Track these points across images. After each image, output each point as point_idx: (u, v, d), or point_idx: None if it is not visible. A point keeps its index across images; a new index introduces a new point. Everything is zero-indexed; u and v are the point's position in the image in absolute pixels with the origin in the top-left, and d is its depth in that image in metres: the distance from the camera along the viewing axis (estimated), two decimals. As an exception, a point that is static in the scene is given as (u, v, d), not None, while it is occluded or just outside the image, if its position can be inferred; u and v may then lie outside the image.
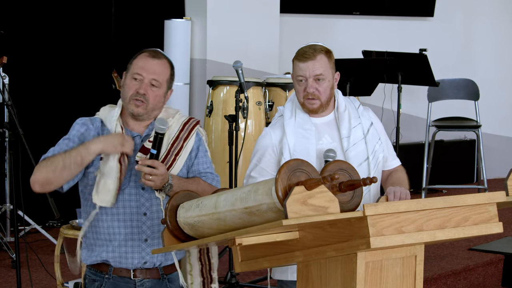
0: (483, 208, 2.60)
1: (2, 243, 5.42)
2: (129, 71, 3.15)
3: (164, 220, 2.95)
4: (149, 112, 3.14)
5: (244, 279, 5.03)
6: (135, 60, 3.15)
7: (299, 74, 3.30)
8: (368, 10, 7.88)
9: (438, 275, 5.20)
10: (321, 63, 3.29)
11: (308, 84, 3.29)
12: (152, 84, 3.11)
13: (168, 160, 3.15)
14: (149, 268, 3.18)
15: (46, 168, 2.99)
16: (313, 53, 3.28)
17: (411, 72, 6.71)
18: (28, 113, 5.91)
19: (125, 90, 3.13)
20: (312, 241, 2.54)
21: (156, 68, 3.12)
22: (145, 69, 3.11)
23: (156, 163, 3.02)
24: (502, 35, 8.69)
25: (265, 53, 6.99)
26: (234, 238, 2.50)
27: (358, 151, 3.35)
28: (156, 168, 3.01)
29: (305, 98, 3.32)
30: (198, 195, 2.98)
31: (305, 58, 3.28)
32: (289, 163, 2.50)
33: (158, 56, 3.15)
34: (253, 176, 3.33)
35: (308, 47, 3.31)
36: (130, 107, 3.12)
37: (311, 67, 3.27)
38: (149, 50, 3.18)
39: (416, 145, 7.76)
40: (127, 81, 3.14)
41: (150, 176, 3.01)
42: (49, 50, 6.31)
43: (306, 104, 3.33)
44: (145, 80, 3.10)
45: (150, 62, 3.12)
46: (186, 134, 3.21)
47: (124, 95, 3.14)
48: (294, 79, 3.36)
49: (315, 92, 3.30)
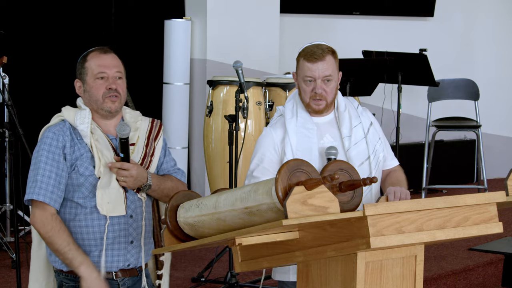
0: (483, 208, 2.60)
1: (2, 243, 5.42)
2: (87, 75, 3.13)
3: (164, 220, 2.96)
4: (122, 105, 3.18)
5: (244, 279, 5.03)
6: (88, 63, 3.15)
7: (307, 74, 3.29)
8: (368, 10, 7.87)
9: (438, 275, 5.20)
10: (330, 64, 3.29)
11: (317, 85, 3.29)
12: (119, 77, 3.15)
13: (146, 162, 3.20)
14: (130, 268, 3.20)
15: (49, 235, 3.04)
16: (322, 53, 3.27)
17: (411, 72, 6.71)
18: (28, 113, 5.91)
19: (93, 92, 3.12)
20: (312, 241, 2.54)
21: (114, 61, 3.16)
22: (105, 65, 3.13)
23: (126, 165, 3.08)
24: (502, 35, 8.69)
25: (265, 53, 6.99)
26: (234, 238, 2.51)
27: (359, 151, 3.35)
28: (126, 170, 3.07)
29: (312, 98, 3.31)
30: (198, 195, 2.99)
31: (314, 58, 3.27)
32: (289, 163, 2.50)
33: (108, 50, 3.18)
34: (255, 176, 3.32)
35: (316, 47, 3.30)
36: (106, 105, 3.12)
37: (320, 68, 3.27)
38: (96, 48, 3.19)
39: (416, 145, 7.76)
40: (92, 84, 3.13)
41: (122, 178, 3.08)
42: (49, 50, 6.31)
43: (312, 105, 3.33)
44: (110, 75, 3.13)
45: (106, 58, 3.15)
46: (155, 134, 3.27)
47: (95, 97, 3.13)
48: (299, 79, 3.34)
49: (323, 93, 3.30)
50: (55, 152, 3.08)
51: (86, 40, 6.42)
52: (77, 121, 3.11)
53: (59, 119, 3.16)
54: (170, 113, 6.63)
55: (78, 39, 6.40)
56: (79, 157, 3.08)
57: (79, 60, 3.20)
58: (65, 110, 3.18)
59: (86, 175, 3.08)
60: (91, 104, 3.15)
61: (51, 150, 3.09)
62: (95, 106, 3.14)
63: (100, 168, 3.07)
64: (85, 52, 3.20)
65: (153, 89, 6.74)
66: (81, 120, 3.11)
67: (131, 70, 3.45)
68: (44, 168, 3.06)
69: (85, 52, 3.19)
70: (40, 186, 3.05)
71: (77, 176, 3.08)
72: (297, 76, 3.37)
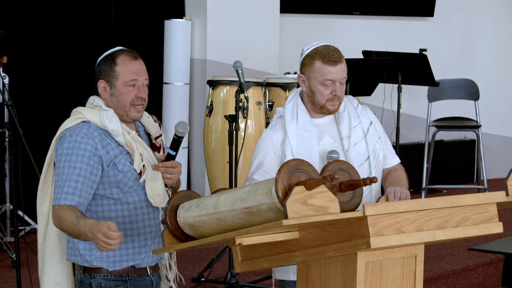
0: (483, 208, 2.61)
1: (2, 243, 5.42)
2: (118, 80, 3.10)
3: (164, 220, 2.96)
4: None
5: (244, 279, 5.03)
6: (119, 68, 3.11)
7: (328, 78, 3.30)
8: (368, 10, 7.87)
9: (438, 275, 5.20)
10: (345, 66, 3.35)
11: (337, 87, 3.32)
12: (146, 84, 3.14)
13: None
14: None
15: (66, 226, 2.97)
16: (339, 56, 3.32)
17: (411, 72, 6.71)
18: (28, 113, 5.91)
19: (122, 98, 3.10)
20: (312, 241, 2.54)
21: (143, 68, 3.15)
22: (137, 73, 3.11)
23: (175, 163, 3.13)
24: (502, 35, 8.68)
25: (265, 53, 6.99)
26: (234, 238, 2.51)
27: (359, 151, 3.35)
28: (175, 167, 3.12)
29: (329, 100, 3.33)
30: (198, 195, 3.00)
31: (335, 62, 3.30)
32: (289, 163, 2.50)
33: (137, 56, 3.16)
34: (255, 179, 3.31)
35: (330, 50, 3.32)
36: (132, 114, 3.12)
37: (340, 71, 3.32)
38: (124, 50, 3.16)
39: (416, 145, 7.75)
40: (122, 90, 3.10)
41: (168, 175, 3.12)
42: (49, 50, 6.31)
43: (328, 106, 3.35)
44: (139, 83, 3.11)
45: (137, 64, 3.12)
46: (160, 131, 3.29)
47: (123, 103, 3.10)
48: (315, 82, 3.33)
49: (340, 94, 3.34)
50: (84, 156, 3.02)
51: (86, 40, 6.43)
52: (105, 121, 3.06)
53: (80, 120, 3.10)
54: (170, 113, 6.63)
55: (78, 39, 6.40)
56: (118, 155, 3.06)
57: (103, 59, 3.15)
58: (85, 112, 3.12)
59: (125, 171, 3.06)
60: (116, 107, 3.12)
61: (80, 154, 3.02)
62: (120, 111, 3.12)
63: (140, 164, 3.07)
64: (110, 51, 3.15)
65: (153, 89, 6.69)
66: (109, 120, 3.07)
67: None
68: (78, 173, 3.00)
69: (111, 52, 3.15)
70: (73, 192, 3.00)
71: (116, 173, 3.05)
72: (309, 78, 3.35)
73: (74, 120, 3.11)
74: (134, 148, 3.07)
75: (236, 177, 5.06)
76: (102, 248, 2.83)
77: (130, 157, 3.08)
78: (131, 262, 3.11)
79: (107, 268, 3.08)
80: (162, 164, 3.12)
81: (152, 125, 3.23)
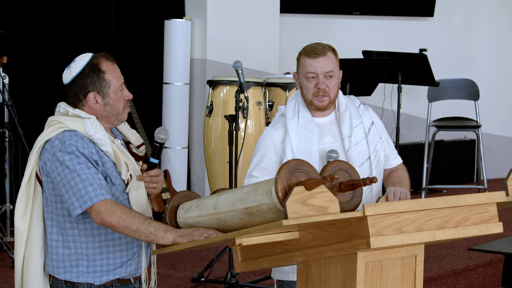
0: (483, 208, 2.60)
1: (2, 243, 5.42)
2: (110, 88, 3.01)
3: (164, 220, 2.96)
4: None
5: (244, 279, 5.03)
6: (107, 75, 3.01)
7: (309, 70, 3.28)
8: (368, 10, 7.87)
9: (438, 275, 5.20)
10: (331, 60, 3.30)
11: (319, 80, 3.28)
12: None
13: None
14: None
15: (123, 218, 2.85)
16: (322, 49, 3.28)
17: (411, 72, 6.71)
18: (28, 113, 5.91)
19: (117, 105, 3.01)
20: (312, 241, 2.54)
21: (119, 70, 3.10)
22: (121, 75, 3.05)
23: (159, 171, 3.04)
24: (502, 35, 8.69)
25: (265, 53, 6.99)
26: (234, 238, 2.51)
27: (359, 151, 3.35)
28: (159, 176, 3.03)
29: (315, 95, 3.31)
30: (198, 196, 2.99)
31: (316, 54, 3.27)
32: (289, 163, 2.50)
33: (113, 58, 3.08)
34: (254, 175, 3.32)
35: (316, 44, 3.31)
36: (123, 117, 3.04)
37: (322, 64, 3.28)
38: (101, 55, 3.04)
39: (416, 145, 7.75)
40: (115, 97, 3.02)
41: (154, 184, 3.03)
42: (49, 50, 6.31)
43: (315, 102, 3.32)
44: (124, 85, 3.06)
45: (117, 67, 3.05)
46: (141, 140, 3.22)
47: (117, 109, 3.01)
48: (301, 77, 3.33)
49: (326, 88, 3.29)
50: (87, 161, 2.90)
51: (86, 40, 6.43)
52: (90, 130, 2.94)
53: (62, 130, 2.94)
54: (170, 113, 6.63)
55: (78, 39, 6.40)
56: (109, 167, 2.95)
57: (83, 72, 3.02)
58: (66, 121, 2.96)
59: (117, 184, 2.97)
60: (109, 115, 3.00)
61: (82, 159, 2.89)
62: (113, 118, 3.02)
63: (127, 174, 2.96)
64: (85, 62, 3.01)
65: (153, 89, 6.74)
66: (95, 129, 2.94)
67: (131, 70, 3.44)
68: (86, 176, 2.87)
69: (88, 61, 3.02)
70: (104, 189, 2.88)
71: (110, 186, 2.94)
72: (298, 74, 3.36)
73: (56, 130, 2.95)
74: (120, 158, 2.96)
75: (236, 177, 5.06)
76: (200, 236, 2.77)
77: (116, 167, 2.97)
78: (117, 275, 3.01)
79: (93, 282, 2.99)
80: (146, 173, 3.00)
81: (131, 133, 3.14)
